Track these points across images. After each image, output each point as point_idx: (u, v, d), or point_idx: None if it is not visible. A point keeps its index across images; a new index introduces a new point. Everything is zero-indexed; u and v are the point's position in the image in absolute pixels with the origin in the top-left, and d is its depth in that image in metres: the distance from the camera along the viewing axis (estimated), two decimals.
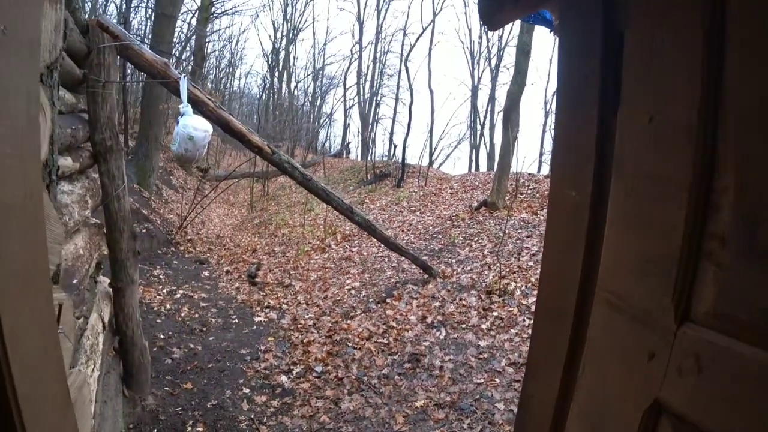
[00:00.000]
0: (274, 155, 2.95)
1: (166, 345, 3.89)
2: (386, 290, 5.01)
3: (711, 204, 0.53)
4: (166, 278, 6.49)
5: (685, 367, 0.56)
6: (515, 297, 4.13)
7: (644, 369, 0.61)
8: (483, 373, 3.22)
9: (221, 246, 9.64)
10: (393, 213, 9.37)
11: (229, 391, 3.29)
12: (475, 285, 4.61)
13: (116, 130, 2.30)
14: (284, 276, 6.50)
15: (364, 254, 6.80)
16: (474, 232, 6.51)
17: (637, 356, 0.62)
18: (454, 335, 3.74)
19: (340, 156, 24.62)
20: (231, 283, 6.56)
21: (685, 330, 0.56)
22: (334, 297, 5.19)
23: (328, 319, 4.50)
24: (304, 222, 10.42)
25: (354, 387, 3.29)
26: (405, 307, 4.39)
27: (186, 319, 4.74)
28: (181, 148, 2.25)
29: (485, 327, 3.77)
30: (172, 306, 5.13)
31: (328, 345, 3.87)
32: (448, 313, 4.10)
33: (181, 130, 2.21)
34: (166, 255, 8.11)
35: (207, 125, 2.28)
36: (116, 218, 2.39)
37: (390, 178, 13.00)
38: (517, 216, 6.59)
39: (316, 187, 3.37)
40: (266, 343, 4.06)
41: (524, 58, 7.58)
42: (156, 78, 2.35)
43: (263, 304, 5.23)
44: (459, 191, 9.99)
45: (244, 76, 35.32)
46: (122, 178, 2.37)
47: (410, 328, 3.94)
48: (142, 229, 7.93)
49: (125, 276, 2.50)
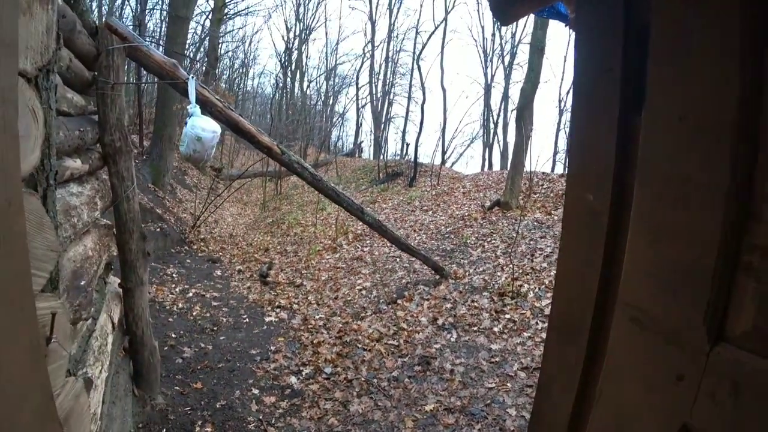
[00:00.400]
0: (283, 155, 2.92)
1: (178, 344, 3.91)
2: (397, 291, 4.97)
3: (751, 212, 0.47)
4: (179, 277, 6.56)
5: (720, 392, 0.50)
6: (528, 299, 4.05)
7: (671, 392, 0.56)
8: (494, 378, 3.16)
9: (234, 245, 9.71)
10: (405, 212, 9.32)
11: (238, 391, 3.28)
12: (487, 286, 4.53)
13: (125, 132, 2.29)
14: (295, 276, 6.50)
15: (376, 254, 6.77)
16: (487, 232, 6.42)
17: (663, 378, 0.56)
18: (465, 338, 3.68)
19: (353, 155, 24.67)
20: (243, 282, 6.59)
21: (719, 351, 0.51)
22: (345, 297, 5.17)
23: (339, 319, 4.47)
24: (316, 221, 10.44)
25: (363, 389, 3.25)
26: (416, 309, 4.34)
27: (198, 318, 4.77)
28: (189, 149, 2.24)
29: (497, 330, 3.69)
30: (184, 305, 5.17)
31: (337, 346, 3.84)
32: (459, 315, 4.04)
33: (189, 131, 2.20)
34: (180, 254, 8.20)
35: (215, 126, 2.26)
36: (126, 219, 2.39)
37: (402, 177, 12.95)
38: (530, 216, 6.48)
39: (326, 188, 3.35)
40: (276, 344, 4.06)
41: (538, 55, 7.45)
42: (165, 79, 2.35)
43: (274, 304, 5.23)
44: (472, 190, 9.89)
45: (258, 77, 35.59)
46: (132, 179, 2.37)
47: (421, 330, 3.89)
48: (156, 228, 8.03)
49: (135, 277, 2.50)
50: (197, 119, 2.20)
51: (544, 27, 7.50)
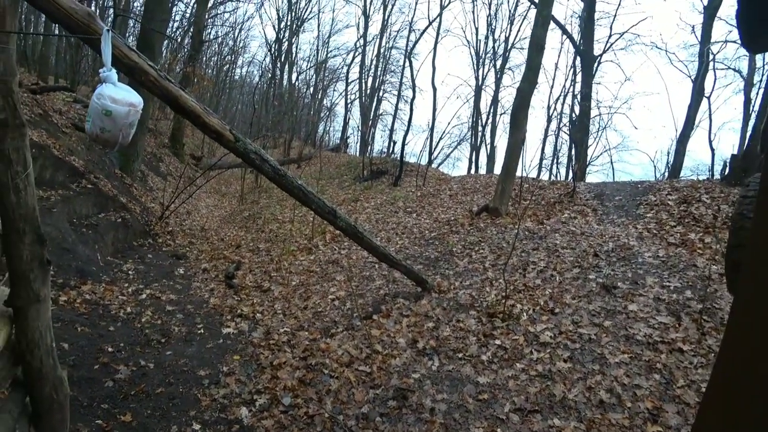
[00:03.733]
0: (237, 143, 2.36)
1: (112, 361, 3.32)
2: (374, 303, 4.45)
3: None
4: (136, 275, 5.91)
5: None
6: (521, 323, 3.58)
7: None
8: (482, 420, 2.67)
9: (204, 239, 9.05)
10: (388, 213, 8.80)
11: (175, 426, 2.72)
12: (474, 303, 4.05)
13: (15, 99, 1.71)
14: (264, 278, 5.92)
15: (354, 258, 6.23)
16: (474, 240, 5.95)
17: None
18: (449, 367, 3.18)
19: (338, 150, 24.05)
20: (206, 283, 5.98)
21: None
22: (316, 308, 4.63)
23: (306, 335, 3.93)
24: (293, 217, 9.84)
25: (326, 428, 2.73)
26: (393, 327, 3.83)
27: (146, 326, 4.16)
28: (95, 128, 1.67)
29: (486, 358, 3.21)
30: (133, 309, 4.55)
31: (301, 370, 3.31)
32: (442, 337, 3.55)
33: (95, 103, 1.63)
34: (142, 247, 7.52)
35: (133, 97, 1.69)
36: (14, 216, 1.81)
37: (387, 175, 12.44)
38: (521, 225, 6.03)
39: (292, 186, 2.79)
40: (230, 363, 3.50)
41: (537, 53, 7.01)
42: (76, 32, 1.77)
43: (235, 312, 4.66)
44: (458, 193, 9.43)
45: (247, 65, 34.52)
46: (24, 163, 1.79)
47: (398, 354, 3.38)
48: (117, 219, 7.33)
49: (28, 292, 1.92)
50: (107, 88, 1.63)
51: (545, 25, 7.06)
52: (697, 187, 6.54)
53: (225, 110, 31.32)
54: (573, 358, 3.13)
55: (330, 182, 14.12)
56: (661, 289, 3.92)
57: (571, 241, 5.34)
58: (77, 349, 3.37)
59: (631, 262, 4.53)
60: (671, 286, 3.93)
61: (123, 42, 1.82)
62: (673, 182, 7.50)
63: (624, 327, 3.42)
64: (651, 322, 3.46)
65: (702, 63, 13.79)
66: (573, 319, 3.58)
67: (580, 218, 6.36)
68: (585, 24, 14.98)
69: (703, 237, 4.93)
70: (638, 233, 5.40)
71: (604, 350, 3.18)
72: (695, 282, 3.96)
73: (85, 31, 1.77)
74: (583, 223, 6.14)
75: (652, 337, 3.26)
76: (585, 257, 4.77)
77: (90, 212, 6.76)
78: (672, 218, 5.68)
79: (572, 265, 4.63)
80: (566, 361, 3.11)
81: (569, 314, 3.67)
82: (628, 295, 3.86)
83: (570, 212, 6.67)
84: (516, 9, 22.81)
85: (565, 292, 4.07)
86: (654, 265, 4.39)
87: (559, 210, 6.88)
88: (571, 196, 7.40)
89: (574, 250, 5.03)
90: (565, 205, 7.05)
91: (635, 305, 3.68)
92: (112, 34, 1.71)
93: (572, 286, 4.17)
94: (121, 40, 1.81)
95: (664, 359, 3.00)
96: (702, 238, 4.90)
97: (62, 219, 5.73)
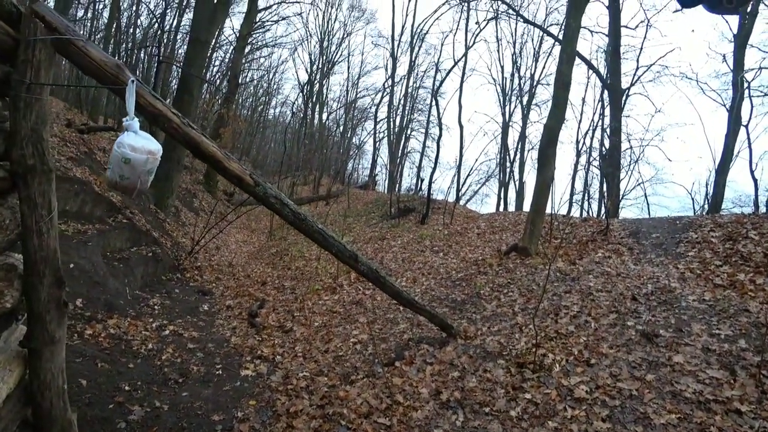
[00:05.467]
0: (257, 188, 2.37)
1: (127, 401, 3.27)
2: (396, 349, 4.27)
3: None
4: (161, 309, 5.97)
5: None
6: (553, 374, 3.32)
7: None
8: None
9: (231, 275, 9.14)
10: (414, 252, 8.67)
11: None
12: (502, 352, 3.81)
13: (44, 146, 1.78)
14: (287, 318, 5.85)
15: (378, 299, 6.09)
16: (503, 282, 5.71)
17: None
18: (474, 422, 2.95)
19: (366, 188, 24.36)
20: (229, 321, 5.97)
21: None
22: (336, 351, 4.48)
23: (325, 380, 3.78)
24: (320, 255, 9.85)
25: None
26: (416, 375, 3.63)
27: (165, 364, 4.13)
28: (115, 175, 1.72)
29: (515, 414, 2.96)
30: (154, 345, 4.55)
31: (317, 420, 3.15)
32: (468, 388, 3.32)
33: (115, 151, 1.68)
34: (170, 282, 7.65)
35: (152, 145, 1.74)
36: (36, 259, 1.84)
37: (414, 213, 12.38)
38: (552, 266, 5.76)
39: (312, 230, 2.76)
40: (246, 408, 3.38)
41: (563, 90, 6.95)
42: (106, 83, 1.85)
43: (255, 353, 4.57)
44: (486, 231, 9.22)
45: (280, 105, 36.24)
46: (49, 207, 1.84)
47: (420, 406, 3.17)
48: (149, 253, 7.54)
49: (44, 333, 1.92)
50: (127, 137, 1.68)
51: (570, 62, 7.04)
52: (743, 222, 6.09)
53: (258, 148, 32.67)
54: (612, 417, 2.84)
55: (357, 220, 14.19)
56: (710, 337, 3.57)
57: (606, 283, 5.04)
58: (95, 386, 3.35)
59: (673, 306, 4.19)
60: (721, 335, 3.57)
61: (148, 91, 1.89)
62: (715, 217, 7.01)
63: (669, 382, 3.11)
64: (700, 376, 3.12)
65: (737, 91, 13.36)
66: (611, 372, 3.29)
67: (615, 258, 6.02)
68: (611, 58, 14.92)
69: (754, 278, 4.52)
70: (680, 274, 5.03)
71: (647, 408, 2.87)
72: (749, 329, 3.60)
73: (113, 82, 1.84)
74: (618, 263, 5.81)
75: (702, 395, 2.93)
76: (622, 301, 4.45)
77: (123, 246, 6.98)
78: (717, 257, 5.28)
79: (608, 309, 4.33)
80: (605, 420, 2.82)
81: (607, 366, 3.37)
82: (672, 344, 3.53)
83: (604, 251, 6.34)
84: (540, 46, 23.14)
85: (602, 340, 3.78)
86: (700, 309, 4.04)
87: (592, 249, 6.56)
88: (604, 233, 7.07)
89: (610, 293, 4.72)
90: (598, 244, 6.73)
91: (681, 356, 3.35)
92: (137, 84, 1.78)
93: (609, 333, 3.88)
94: (147, 89, 1.88)
95: (719, 422, 2.67)
96: (753, 279, 4.49)
97: (96, 252, 5.92)
